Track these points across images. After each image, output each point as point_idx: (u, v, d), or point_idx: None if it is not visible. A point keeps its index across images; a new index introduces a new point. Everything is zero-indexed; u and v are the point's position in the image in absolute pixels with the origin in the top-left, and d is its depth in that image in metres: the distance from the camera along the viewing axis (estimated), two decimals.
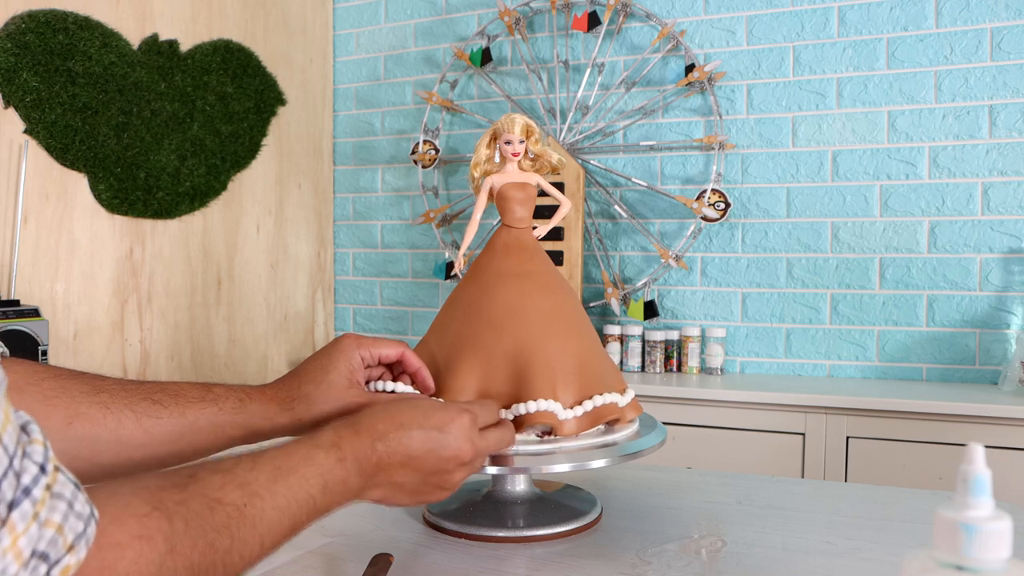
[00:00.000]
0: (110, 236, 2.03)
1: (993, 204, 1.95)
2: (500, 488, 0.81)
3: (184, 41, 2.20)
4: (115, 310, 2.04)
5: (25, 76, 1.81)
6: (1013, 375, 1.81)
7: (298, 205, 2.61)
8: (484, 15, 2.51)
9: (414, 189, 2.61)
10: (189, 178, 2.20)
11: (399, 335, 2.66)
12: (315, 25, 2.67)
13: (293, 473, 0.55)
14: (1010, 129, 1.93)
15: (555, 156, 0.85)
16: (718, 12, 2.20)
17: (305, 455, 0.57)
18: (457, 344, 0.77)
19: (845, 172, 2.08)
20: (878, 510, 0.83)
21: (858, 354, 2.07)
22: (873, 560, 0.69)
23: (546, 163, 0.84)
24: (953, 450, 1.68)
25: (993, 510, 0.39)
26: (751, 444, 1.84)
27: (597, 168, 2.31)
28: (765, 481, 0.95)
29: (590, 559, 0.70)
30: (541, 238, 0.85)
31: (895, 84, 2.03)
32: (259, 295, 2.47)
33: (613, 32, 2.30)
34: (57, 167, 1.90)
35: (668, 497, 0.87)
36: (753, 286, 2.17)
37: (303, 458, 0.57)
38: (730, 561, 0.69)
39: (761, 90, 2.16)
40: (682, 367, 2.15)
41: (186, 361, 2.23)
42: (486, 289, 0.79)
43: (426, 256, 2.61)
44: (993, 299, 1.95)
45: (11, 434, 0.37)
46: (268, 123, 2.47)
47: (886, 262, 2.04)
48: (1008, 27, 1.93)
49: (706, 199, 2.12)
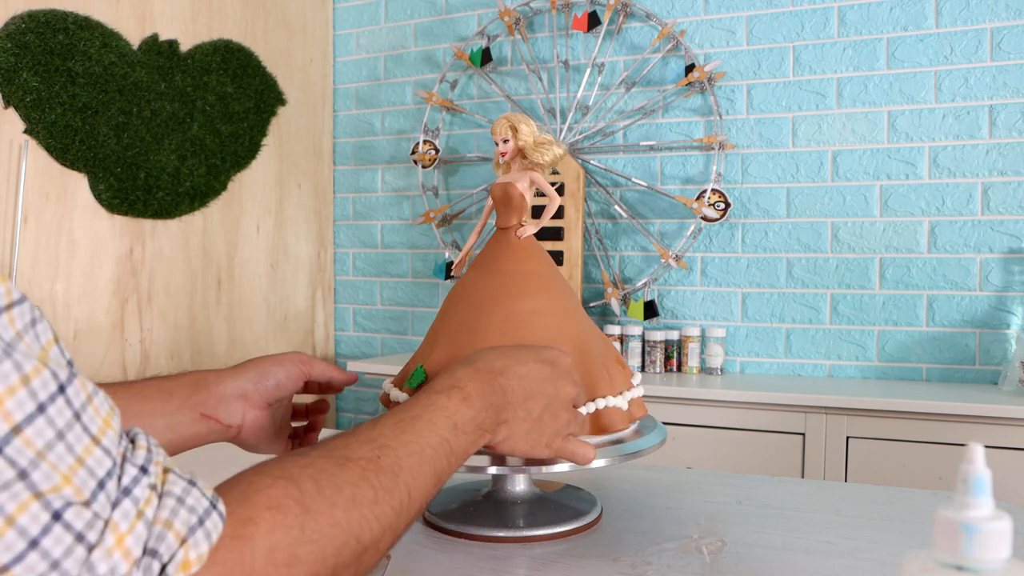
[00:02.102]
0: (110, 236, 2.03)
1: (993, 204, 1.95)
2: (500, 488, 0.81)
3: (184, 41, 2.20)
4: (115, 310, 2.04)
5: (25, 76, 1.81)
6: (1013, 375, 1.81)
7: (298, 205, 2.61)
8: (484, 15, 2.51)
9: (414, 189, 2.61)
10: (189, 178, 2.20)
11: (399, 335, 2.66)
12: (315, 25, 2.67)
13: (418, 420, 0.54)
14: (1010, 129, 1.93)
15: (544, 154, 0.81)
16: (718, 12, 2.20)
17: (426, 403, 0.56)
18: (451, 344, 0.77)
19: (845, 172, 2.08)
20: (878, 510, 0.83)
21: (858, 354, 2.07)
22: (873, 560, 0.69)
23: (534, 159, 0.81)
24: (953, 450, 1.68)
25: (993, 510, 0.39)
26: (751, 444, 1.84)
27: (597, 168, 2.31)
28: (765, 481, 0.95)
29: (590, 559, 0.70)
30: (538, 237, 0.85)
31: (895, 84, 2.03)
32: (259, 295, 2.47)
33: (613, 32, 2.30)
34: (57, 167, 1.90)
35: (668, 497, 0.87)
36: (753, 286, 2.17)
37: (424, 406, 0.56)
38: (730, 561, 0.69)
39: (761, 90, 2.16)
40: (682, 367, 2.15)
41: (186, 361, 2.23)
42: (476, 288, 0.79)
43: (426, 256, 2.61)
44: (993, 299, 1.95)
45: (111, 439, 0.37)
46: (268, 123, 2.47)
47: (886, 262, 2.04)
48: (1008, 27, 1.93)
49: (706, 199, 2.12)
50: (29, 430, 0.33)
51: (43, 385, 0.34)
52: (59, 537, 0.33)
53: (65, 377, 0.36)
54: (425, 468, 0.52)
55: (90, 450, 0.35)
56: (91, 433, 0.36)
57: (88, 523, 0.34)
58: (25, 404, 0.33)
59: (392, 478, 0.49)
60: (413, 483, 0.50)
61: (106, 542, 0.35)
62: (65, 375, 0.36)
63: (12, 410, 0.32)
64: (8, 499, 0.32)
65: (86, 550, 0.34)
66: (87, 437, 0.35)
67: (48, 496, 0.33)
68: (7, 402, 0.32)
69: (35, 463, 0.33)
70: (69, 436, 0.34)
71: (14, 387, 0.33)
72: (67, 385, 0.35)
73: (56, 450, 0.34)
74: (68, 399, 0.35)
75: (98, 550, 0.34)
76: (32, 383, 0.34)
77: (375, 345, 2.71)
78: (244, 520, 0.41)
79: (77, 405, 0.36)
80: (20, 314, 0.35)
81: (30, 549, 0.32)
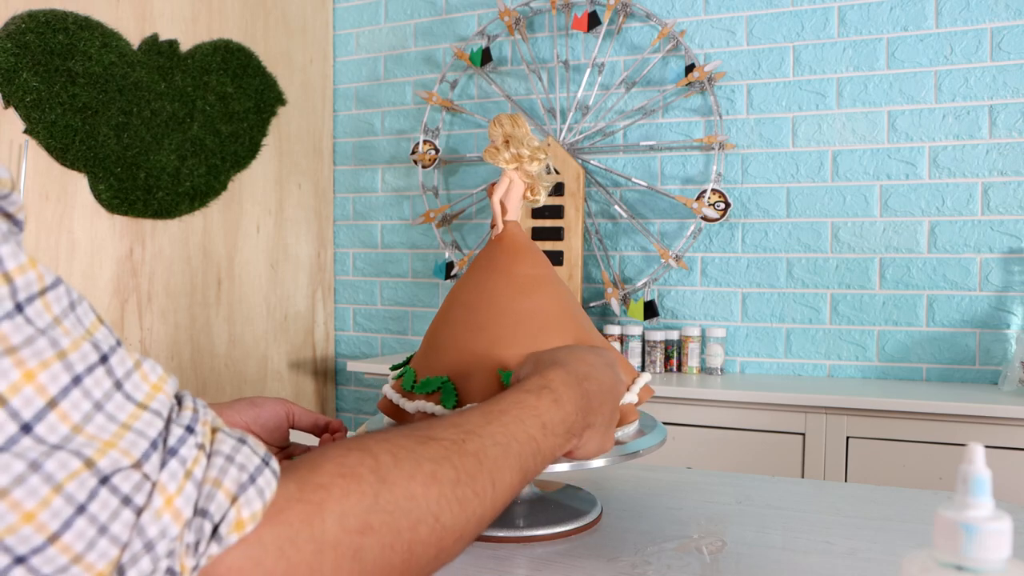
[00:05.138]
0: (110, 236, 2.03)
1: (993, 204, 1.95)
2: None
3: (184, 41, 2.20)
4: (115, 310, 2.04)
5: (25, 76, 1.81)
6: (1013, 375, 1.81)
7: (298, 205, 2.61)
8: (484, 15, 2.51)
9: (414, 189, 2.61)
10: (189, 178, 2.20)
11: (399, 335, 2.66)
12: (315, 25, 2.67)
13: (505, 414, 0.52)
14: (1010, 129, 1.93)
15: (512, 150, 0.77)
16: (718, 12, 2.20)
17: (515, 399, 0.55)
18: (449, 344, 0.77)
19: (845, 172, 2.08)
20: (878, 510, 0.83)
21: (858, 354, 2.07)
22: (873, 560, 0.69)
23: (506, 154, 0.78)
24: (953, 450, 1.68)
25: (993, 510, 0.39)
26: (751, 444, 1.84)
27: (597, 168, 2.31)
28: (765, 481, 0.95)
29: (590, 559, 0.70)
30: (538, 237, 0.85)
31: (895, 84, 2.03)
32: (259, 295, 2.47)
33: (613, 32, 2.30)
34: (57, 167, 1.90)
35: (668, 497, 0.87)
36: (753, 286, 2.17)
37: (513, 402, 0.54)
38: (730, 561, 0.69)
39: (761, 90, 2.16)
40: (682, 367, 2.15)
41: (186, 361, 2.23)
42: (475, 289, 0.79)
43: (426, 256, 2.61)
44: (993, 299, 1.95)
45: (162, 402, 0.37)
46: (268, 123, 2.47)
47: (886, 262, 2.04)
48: (1008, 27, 1.93)
49: (706, 199, 2.12)
50: (65, 403, 0.32)
51: (81, 358, 0.34)
52: (105, 501, 0.33)
53: (108, 347, 0.35)
54: (511, 461, 0.50)
55: (137, 415, 0.35)
56: (136, 400, 0.35)
57: (136, 485, 0.34)
58: (60, 377, 0.33)
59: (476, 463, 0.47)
60: (498, 474, 0.48)
61: (154, 504, 0.34)
62: (109, 345, 0.35)
63: (46, 383, 0.32)
64: (57, 467, 0.32)
65: (134, 513, 0.33)
66: (131, 404, 0.35)
67: (94, 460, 0.33)
68: (40, 375, 0.32)
69: (72, 436, 0.32)
70: (109, 406, 0.34)
71: (48, 361, 0.32)
72: (110, 355, 0.35)
73: (95, 421, 0.33)
74: (110, 368, 0.35)
75: (147, 512, 0.34)
76: (69, 356, 0.33)
77: (375, 345, 2.71)
78: (315, 486, 0.40)
79: (120, 374, 0.35)
80: (56, 298, 0.34)
81: (77, 515, 0.32)
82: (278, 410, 0.78)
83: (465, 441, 0.48)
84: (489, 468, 0.48)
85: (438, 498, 0.44)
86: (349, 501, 0.40)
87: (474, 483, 0.46)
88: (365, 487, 0.41)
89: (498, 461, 0.49)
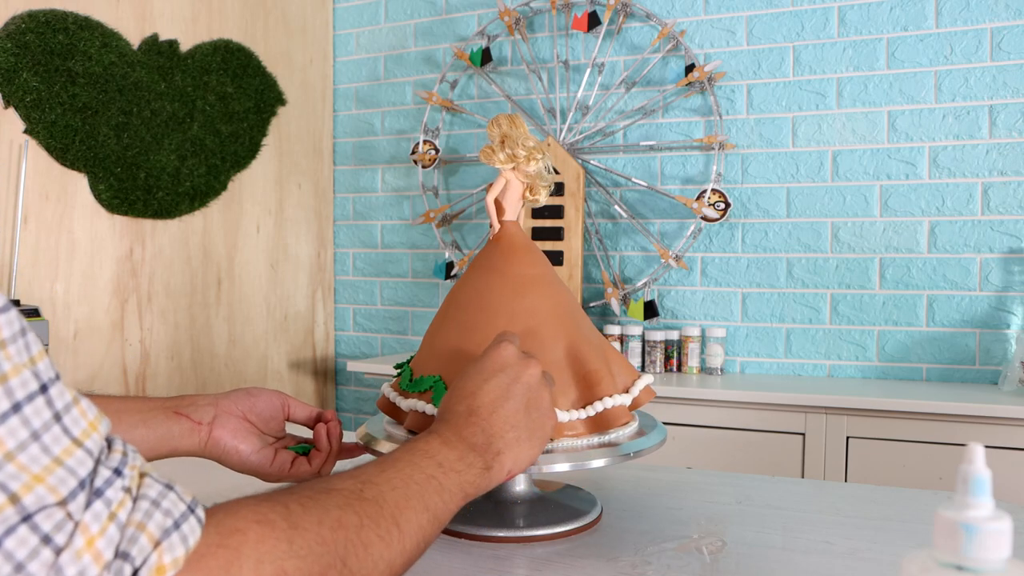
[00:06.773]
0: (110, 236, 2.03)
1: (993, 204, 1.95)
2: (500, 488, 0.81)
3: (184, 41, 2.20)
4: (115, 310, 2.04)
5: (25, 76, 1.81)
6: (1013, 375, 1.81)
7: (298, 205, 2.61)
8: (484, 15, 2.51)
9: (414, 189, 2.61)
10: (189, 178, 2.20)
11: (399, 335, 2.66)
12: (315, 25, 2.67)
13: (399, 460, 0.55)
14: (1010, 129, 1.93)
15: (507, 150, 0.77)
16: (718, 12, 2.20)
17: (405, 448, 0.57)
18: (449, 345, 0.77)
19: (845, 172, 2.08)
20: (878, 510, 0.83)
21: (858, 354, 2.07)
22: (873, 560, 0.69)
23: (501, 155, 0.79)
24: (953, 450, 1.68)
25: (993, 510, 0.39)
26: (751, 444, 1.84)
27: (597, 168, 2.31)
28: (765, 481, 0.95)
29: (590, 559, 0.70)
30: (538, 237, 0.85)
31: (895, 84, 2.03)
32: (259, 295, 2.47)
33: (613, 32, 2.30)
34: (57, 167, 1.90)
35: (668, 497, 0.87)
36: (753, 286, 2.17)
37: (405, 450, 0.57)
38: (730, 561, 0.69)
39: (761, 90, 2.16)
40: (682, 367, 2.15)
41: (186, 361, 2.23)
42: (474, 289, 0.79)
43: (426, 256, 2.61)
44: (993, 299, 1.95)
45: (95, 441, 0.37)
46: (268, 123, 2.47)
47: (886, 262, 2.04)
48: (1008, 27, 1.93)
49: (706, 199, 2.12)
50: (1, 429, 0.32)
51: (22, 384, 0.33)
52: (24, 538, 0.32)
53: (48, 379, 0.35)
54: (413, 502, 0.52)
55: (71, 451, 0.35)
56: (72, 435, 0.35)
57: (58, 525, 0.33)
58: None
59: (376, 508, 0.49)
60: (400, 515, 0.50)
61: (75, 544, 0.34)
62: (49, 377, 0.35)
63: None
64: None
65: (53, 552, 0.33)
66: (67, 439, 0.35)
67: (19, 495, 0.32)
68: None
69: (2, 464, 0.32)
70: (46, 437, 0.34)
71: None
72: (50, 386, 0.35)
73: (29, 450, 0.33)
74: (50, 399, 0.35)
75: (67, 552, 0.33)
76: (9, 382, 0.33)
77: (375, 345, 2.71)
78: (231, 530, 0.41)
79: (59, 406, 0.35)
80: (7, 322, 0.34)
81: None
82: (274, 401, 0.79)
83: (363, 489, 0.50)
84: (390, 511, 0.50)
85: (345, 542, 0.46)
86: (265, 546, 0.42)
87: (377, 527, 0.49)
88: (279, 532, 0.43)
89: (399, 504, 0.51)
